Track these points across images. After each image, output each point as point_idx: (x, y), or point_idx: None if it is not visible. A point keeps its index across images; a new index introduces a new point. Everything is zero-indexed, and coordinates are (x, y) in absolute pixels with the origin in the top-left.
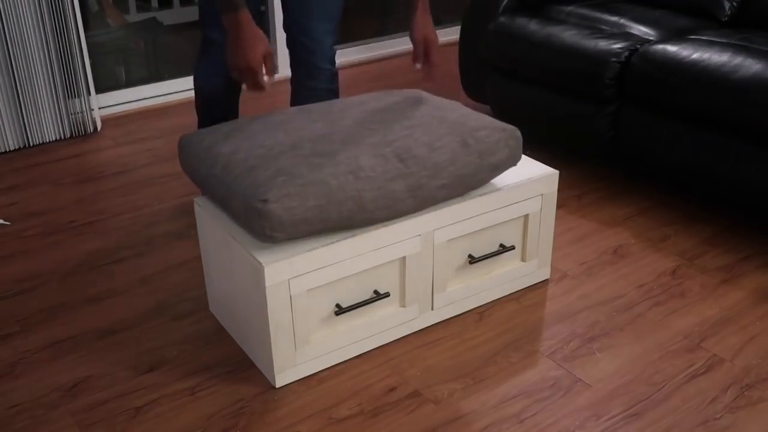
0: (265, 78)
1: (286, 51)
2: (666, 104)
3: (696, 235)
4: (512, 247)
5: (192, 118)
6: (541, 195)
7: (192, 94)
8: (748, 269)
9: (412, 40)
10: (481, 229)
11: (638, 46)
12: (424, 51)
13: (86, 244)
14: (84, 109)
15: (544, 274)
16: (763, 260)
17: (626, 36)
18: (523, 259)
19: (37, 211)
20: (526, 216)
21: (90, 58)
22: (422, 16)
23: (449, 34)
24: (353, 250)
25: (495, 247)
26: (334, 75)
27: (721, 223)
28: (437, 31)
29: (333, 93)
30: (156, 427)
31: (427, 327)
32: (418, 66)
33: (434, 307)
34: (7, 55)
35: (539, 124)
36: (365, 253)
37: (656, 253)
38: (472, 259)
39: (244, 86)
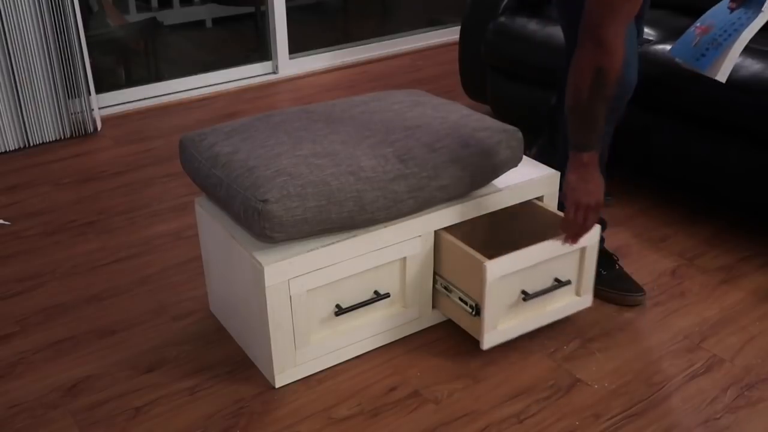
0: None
1: (286, 40)
2: (666, 104)
3: (696, 235)
4: None
5: (192, 117)
6: (542, 195)
7: (191, 93)
8: (747, 269)
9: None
10: None
11: (638, 46)
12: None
13: (86, 244)
14: (84, 109)
15: None
16: (763, 260)
17: None
18: None
19: (37, 211)
20: None
21: (90, 58)
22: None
23: (449, 34)
24: (353, 250)
25: None
26: None
27: (721, 223)
28: (437, 31)
29: None
30: (156, 427)
31: (427, 327)
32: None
33: (434, 307)
34: (7, 55)
35: (540, 125)
36: (365, 254)
37: (656, 253)
38: None
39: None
